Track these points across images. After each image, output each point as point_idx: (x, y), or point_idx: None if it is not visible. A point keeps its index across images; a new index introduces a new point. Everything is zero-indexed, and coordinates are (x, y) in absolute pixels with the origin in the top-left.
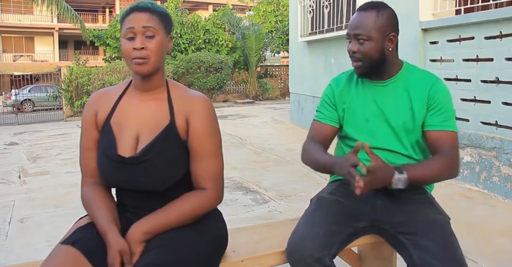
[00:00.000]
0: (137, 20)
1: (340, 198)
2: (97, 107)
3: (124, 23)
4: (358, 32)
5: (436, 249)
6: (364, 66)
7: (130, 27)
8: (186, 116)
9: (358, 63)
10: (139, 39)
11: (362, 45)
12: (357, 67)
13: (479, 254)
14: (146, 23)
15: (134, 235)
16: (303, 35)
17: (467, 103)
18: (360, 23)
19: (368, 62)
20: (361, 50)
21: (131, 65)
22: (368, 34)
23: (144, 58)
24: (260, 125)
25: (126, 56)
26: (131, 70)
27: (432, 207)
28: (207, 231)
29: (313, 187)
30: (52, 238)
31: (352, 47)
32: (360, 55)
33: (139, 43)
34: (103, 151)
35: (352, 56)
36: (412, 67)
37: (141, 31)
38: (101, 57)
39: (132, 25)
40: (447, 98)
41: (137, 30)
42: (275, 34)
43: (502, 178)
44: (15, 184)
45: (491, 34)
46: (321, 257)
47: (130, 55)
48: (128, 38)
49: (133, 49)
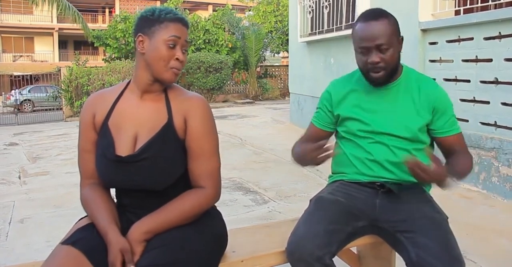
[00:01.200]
0: (183, 32)
1: (340, 198)
2: (94, 109)
3: (167, 28)
4: (380, 42)
5: (434, 247)
6: (386, 74)
7: (177, 36)
8: (184, 116)
9: (380, 74)
10: (181, 51)
11: (385, 54)
12: (379, 77)
13: (478, 254)
14: (187, 38)
15: (134, 235)
16: (302, 35)
17: (467, 104)
18: (378, 33)
19: (390, 69)
20: (385, 59)
21: (167, 72)
22: (389, 42)
23: (180, 70)
24: (260, 125)
25: (163, 61)
26: (159, 75)
27: (430, 205)
28: (206, 231)
29: (313, 187)
30: (52, 238)
31: (375, 58)
32: (384, 64)
33: (182, 56)
34: (101, 152)
35: (374, 68)
36: (411, 70)
37: (183, 45)
38: (101, 58)
39: (179, 35)
40: (450, 102)
41: (181, 42)
42: (275, 34)
43: (501, 178)
44: (15, 184)
45: (490, 35)
46: (321, 255)
47: (170, 63)
48: (171, 43)
49: (175, 59)
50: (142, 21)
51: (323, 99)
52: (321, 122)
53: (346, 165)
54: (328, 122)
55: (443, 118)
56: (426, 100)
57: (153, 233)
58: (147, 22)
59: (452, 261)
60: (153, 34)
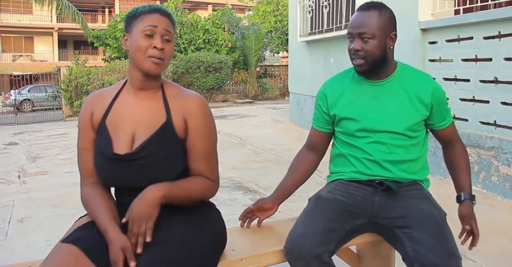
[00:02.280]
0: (160, 21)
1: (338, 196)
2: (93, 108)
3: (142, 20)
4: (362, 31)
5: (430, 242)
6: (366, 63)
7: (153, 26)
8: (184, 115)
9: (360, 61)
10: (160, 40)
11: (366, 43)
12: (359, 65)
13: (478, 253)
14: (167, 27)
15: (151, 196)
16: (302, 35)
17: (466, 103)
18: (363, 22)
19: (370, 60)
20: (365, 48)
21: (145, 61)
22: (373, 32)
23: (161, 59)
24: (260, 125)
25: (140, 52)
26: (140, 66)
27: (428, 201)
28: (206, 228)
29: (312, 187)
30: (52, 237)
31: (356, 45)
32: (364, 53)
33: (160, 44)
34: (100, 150)
35: (354, 55)
36: (405, 66)
37: (162, 33)
38: (100, 57)
39: (155, 24)
40: (445, 96)
41: (159, 31)
42: (275, 34)
43: (501, 178)
44: (14, 184)
45: (490, 34)
46: (320, 253)
47: (147, 52)
48: (146, 35)
49: (152, 47)
50: (126, 21)
51: (319, 100)
52: (320, 124)
53: (344, 165)
54: (327, 124)
55: (439, 112)
56: (423, 95)
57: (167, 199)
58: (128, 21)
59: (448, 256)
60: (132, 29)
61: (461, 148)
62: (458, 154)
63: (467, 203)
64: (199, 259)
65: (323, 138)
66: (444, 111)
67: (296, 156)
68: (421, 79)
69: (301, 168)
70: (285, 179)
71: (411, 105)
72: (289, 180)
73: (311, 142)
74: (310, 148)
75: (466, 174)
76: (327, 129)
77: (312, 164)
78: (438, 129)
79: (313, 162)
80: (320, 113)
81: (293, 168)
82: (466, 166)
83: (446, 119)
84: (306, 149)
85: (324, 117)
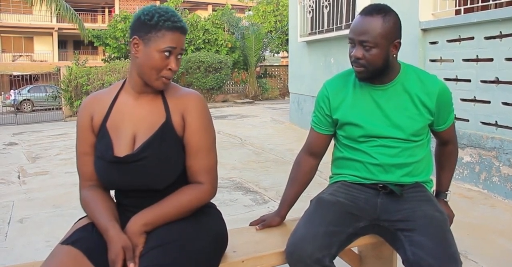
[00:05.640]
0: (180, 42)
1: (341, 199)
2: (92, 111)
3: (164, 37)
4: (364, 39)
5: (430, 245)
6: (366, 71)
7: (173, 47)
8: (182, 113)
9: (360, 69)
10: (174, 61)
11: (368, 52)
12: (359, 72)
13: (479, 254)
14: (183, 46)
15: (133, 227)
16: (302, 35)
17: (467, 104)
18: (366, 29)
19: (371, 68)
20: (367, 57)
21: (157, 80)
22: (375, 41)
23: (170, 78)
24: (260, 125)
25: (155, 70)
26: (150, 82)
27: (430, 204)
28: (206, 230)
29: (313, 188)
30: (52, 238)
31: (357, 53)
32: (365, 61)
33: (175, 66)
34: (100, 154)
35: (355, 62)
36: (409, 67)
37: (177, 53)
38: (100, 57)
39: (175, 45)
40: (450, 97)
41: (177, 51)
42: (275, 34)
43: (502, 178)
44: (14, 184)
45: (491, 34)
46: (320, 257)
47: (162, 72)
48: (165, 53)
49: (167, 69)
50: (140, 23)
51: (321, 102)
52: (322, 126)
53: (347, 168)
54: (328, 126)
55: (442, 116)
56: (427, 100)
57: (151, 226)
58: (144, 27)
59: (448, 260)
60: (149, 41)
61: (453, 148)
62: (448, 153)
63: (442, 202)
64: (199, 262)
65: (324, 140)
66: (447, 114)
67: (295, 164)
68: (425, 83)
69: (302, 179)
70: (287, 192)
71: (415, 111)
72: (292, 191)
73: (310, 146)
74: (310, 153)
75: (450, 174)
76: (328, 131)
77: (313, 171)
78: (438, 131)
79: (313, 168)
80: (322, 115)
81: (295, 178)
82: (452, 166)
83: (446, 122)
84: (305, 154)
85: (327, 120)
